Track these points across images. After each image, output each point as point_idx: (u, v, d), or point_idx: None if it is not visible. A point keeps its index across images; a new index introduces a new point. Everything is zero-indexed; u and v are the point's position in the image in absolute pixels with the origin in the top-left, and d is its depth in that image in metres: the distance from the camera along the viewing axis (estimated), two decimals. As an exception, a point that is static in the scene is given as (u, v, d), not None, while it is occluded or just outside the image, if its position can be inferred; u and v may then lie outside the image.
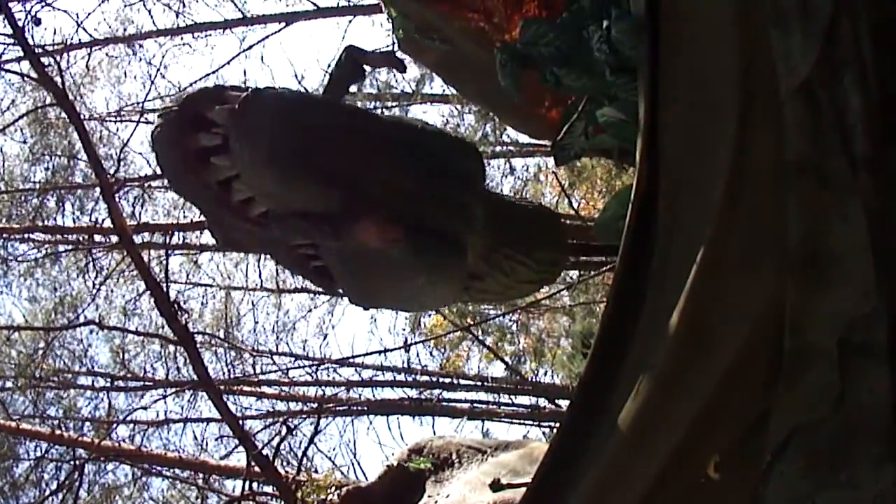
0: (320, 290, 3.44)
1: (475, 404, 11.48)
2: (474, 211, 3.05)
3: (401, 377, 11.76)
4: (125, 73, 12.61)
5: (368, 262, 2.90)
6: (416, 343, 11.95)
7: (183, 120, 2.90)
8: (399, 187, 2.90)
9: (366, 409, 10.85)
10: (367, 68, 3.31)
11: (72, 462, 9.42)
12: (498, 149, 11.96)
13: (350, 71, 3.21)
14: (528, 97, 3.22)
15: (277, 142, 2.77)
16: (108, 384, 12.28)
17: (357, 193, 2.81)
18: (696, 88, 1.92)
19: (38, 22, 7.66)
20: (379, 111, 9.30)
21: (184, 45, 11.72)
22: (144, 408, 10.92)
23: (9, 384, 11.70)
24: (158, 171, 11.56)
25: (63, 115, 9.04)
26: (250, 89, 2.93)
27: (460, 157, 3.23)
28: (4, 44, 8.35)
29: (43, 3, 8.30)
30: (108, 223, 9.01)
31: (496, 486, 3.38)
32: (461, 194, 3.06)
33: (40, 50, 7.88)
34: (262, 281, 12.54)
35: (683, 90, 1.96)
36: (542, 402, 11.05)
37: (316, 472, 8.25)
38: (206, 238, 11.87)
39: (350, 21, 10.61)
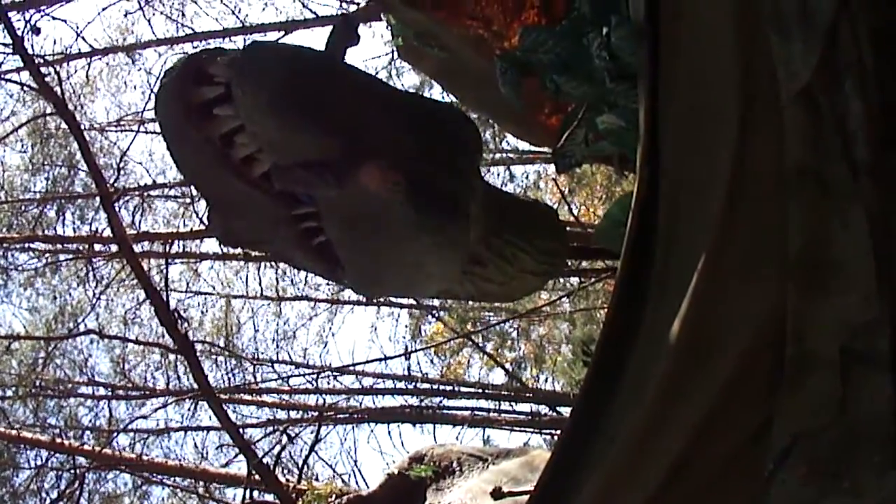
0: (322, 276, 3.39)
1: (476, 412, 11.48)
2: (474, 181, 3.03)
3: (401, 385, 11.76)
4: (125, 83, 12.69)
5: (370, 226, 2.88)
6: (416, 350, 11.96)
7: (185, 74, 2.88)
8: (399, 144, 2.89)
9: (366, 416, 10.83)
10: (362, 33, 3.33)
11: (72, 471, 9.42)
12: (498, 156, 11.98)
13: (346, 36, 3.22)
14: (527, 104, 3.21)
15: (278, 83, 2.77)
16: (109, 393, 12.30)
17: (358, 143, 2.80)
18: (696, 90, 1.91)
19: (37, 32, 7.68)
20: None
21: (183, 54, 11.72)
22: (145, 417, 10.96)
23: (9, 393, 11.71)
24: (157, 181, 11.61)
25: (63, 125, 9.07)
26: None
27: (460, 128, 3.22)
28: (4, 53, 8.39)
29: (42, 13, 8.34)
30: (108, 232, 9.01)
31: (497, 493, 3.37)
32: (461, 162, 3.05)
33: (40, 60, 7.89)
34: (262, 289, 12.57)
35: (683, 92, 1.94)
36: (543, 409, 11.05)
37: (317, 480, 8.25)
38: (206, 247, 11.89)
39: (349, 29, 10.63)
